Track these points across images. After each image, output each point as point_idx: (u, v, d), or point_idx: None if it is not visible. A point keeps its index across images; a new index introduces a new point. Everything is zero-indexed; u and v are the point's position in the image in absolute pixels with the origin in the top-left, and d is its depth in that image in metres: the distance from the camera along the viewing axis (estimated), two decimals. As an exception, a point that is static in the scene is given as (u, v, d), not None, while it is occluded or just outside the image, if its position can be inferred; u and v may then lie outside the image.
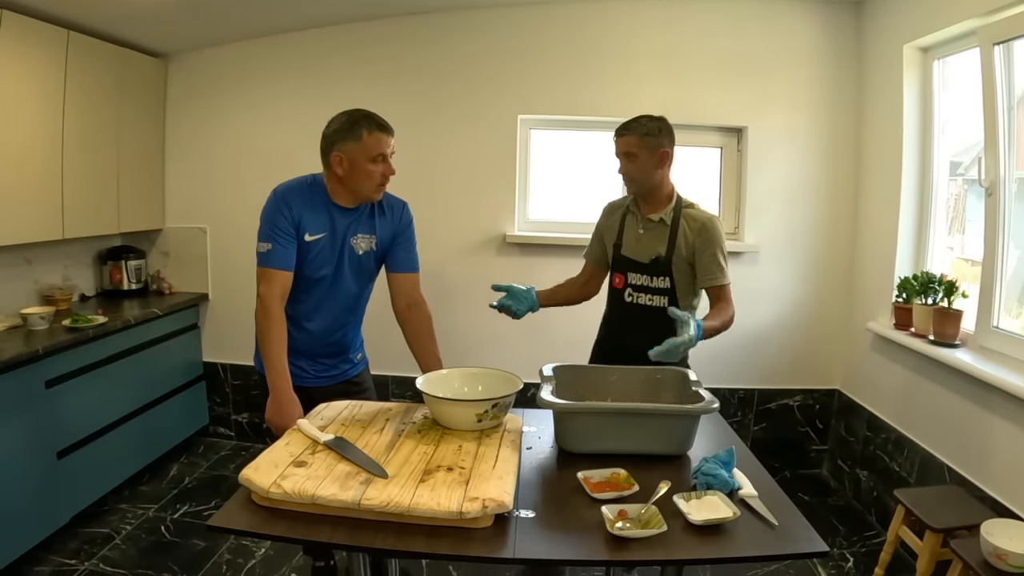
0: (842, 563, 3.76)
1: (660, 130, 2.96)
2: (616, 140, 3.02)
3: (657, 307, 3.02)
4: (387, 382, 4.91)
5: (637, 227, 3.09)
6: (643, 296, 3.06)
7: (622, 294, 3.11)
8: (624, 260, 3.10)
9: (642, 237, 3.06)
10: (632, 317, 3.09)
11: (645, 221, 3.06)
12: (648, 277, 3.04)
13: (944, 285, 3.65)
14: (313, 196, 2.71)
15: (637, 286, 3.07)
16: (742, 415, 4.88)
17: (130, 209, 4.72)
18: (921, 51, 3.99)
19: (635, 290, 3.08)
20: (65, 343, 3.74)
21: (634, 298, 3.08)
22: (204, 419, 5.25)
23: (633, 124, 2.97)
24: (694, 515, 1.82)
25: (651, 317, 3.03)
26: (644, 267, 3.04)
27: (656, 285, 3.03)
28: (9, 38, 3.62)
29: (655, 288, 3.03)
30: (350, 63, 4.80)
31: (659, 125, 2.96)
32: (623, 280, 3.11)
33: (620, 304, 3.13)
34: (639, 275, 3.06)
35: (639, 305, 3.07)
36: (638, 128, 2.95)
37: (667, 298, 3.02)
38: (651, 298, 3.04)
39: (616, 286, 3.15)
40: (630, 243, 3.10)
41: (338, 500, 1.79)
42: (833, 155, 4.64)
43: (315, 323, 2.86)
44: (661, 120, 2.98)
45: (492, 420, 2.29)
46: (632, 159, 2.97)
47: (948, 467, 3.52)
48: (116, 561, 3.65)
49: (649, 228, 3.05)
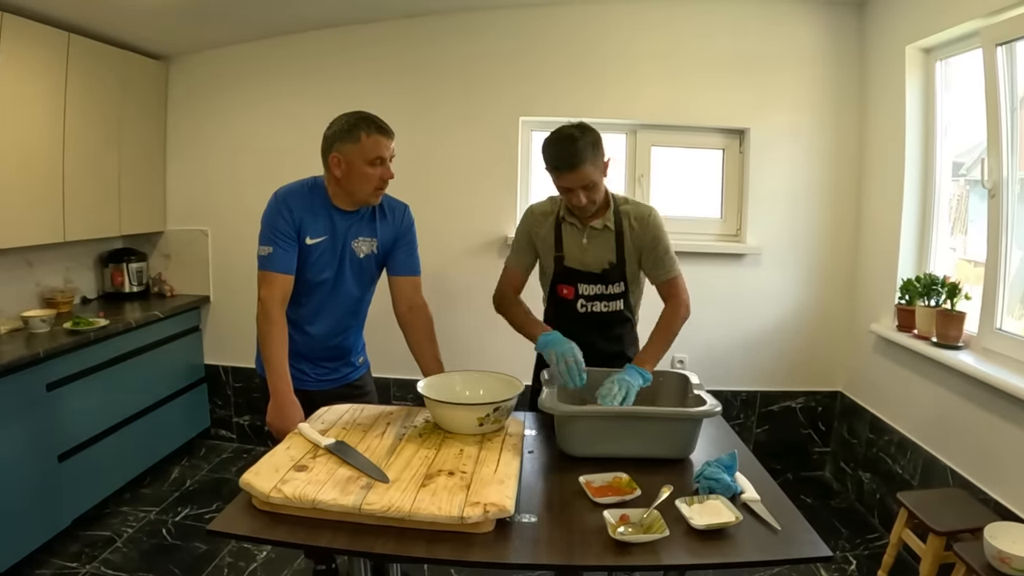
0: (845, 566, 3.75)
1: (597, 142, 2.72)
2: (565, 175, 2.70)
3: (613, 311, 2.95)
4: (388, 385, 4.91)
5: (579, 237, 2.91)
6: (598, 304, 2.94)
7: (573, 305, 2.96)
8: (571, 272, 2.94)
9: (588, 247, 2.91)
10: (588, 326, 2.96)
11: (588, 230, 2.89)
12: (602, 286, 2.92)
13: (947, 287, 3.64)
14: (314, 199, 2.71)
15: (591, 296, 2.94)
16: (744, 417, 4.87)
17: (131, 212, 4.72)
18: (923, 52, 3.98)
19: (588, 300, 2.94)
20: (66, 346, 3.74)
21: (588, 308, 2.95)
22: (205, 422, 5.25)
23: (578, 151, 2.65)
24: (696, 520, 1.81)
25: (608, 322, 2.97)
26: (597, 277, 2.91)
27: (611, 292, 2.92)
28: (10, 41, 3.62)
29: (610, 295, 2.93)
30: (351, 65, 4.81)
31: (594, 137, 2.72)
32: (573, 291, 2.95)
33: (572, 315, 2.97)
34: (592, 285, 2.92)
35: (595, 313, 2.95)
36: (586, 154, 2.65)
37: (622, 301, 2.94)
38: (606, 304, 2.94)
39: (565, 297, 2.97)
40: (574, 254, 2.93)
41: (339, 505, 1.79)
42: (836, 156, 4.63)
43: (316, 327, 2.86)
44: (588, 128, 2.73)
45: (493, 424, 2.28)
46: (592, 189, 2.73)
47: (951, 469, 3.51)
48: (117, 564, 3.65)
49: (594, 237, 2.89)
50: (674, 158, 4.83)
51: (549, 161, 2.74)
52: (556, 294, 2.99)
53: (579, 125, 2.73)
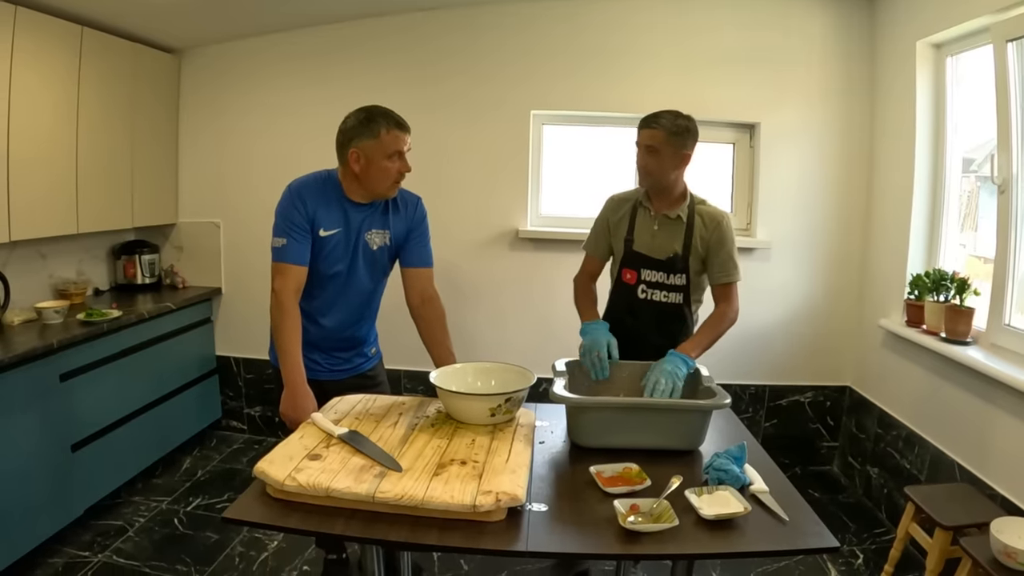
0: (852, 560, 3.76)
1: (687, 131, 2.88)
2: (641, 131, 2.92)
3: (672, 303, 3.02)
4: (399, 376, 4.92)
5: (651, 223, 3.03)
6: (658, 293, 3.03)
7: (634, 290, 3.06)
8: (638, 256, 3.04)
9: (657, 234, 3.01)
10: (646, 314, 3.05)
11: (661, 218, 3.01)
12: (664, 274, 3.00)
13: (956, 282, 3.64)
14: (328, 192, 2.73)
15: (652, 283, 3.03)
16: (753, 411, 4.88)
17: (144, 204, 4.75)
18: (934, 47, 3.98)
19: (649, 287, 3.03)
20: (80, 337, 3.76)
21: (648, 295, 3.04)
22: (217, 413, 5.27)
23: (662, 119, 2.87)
24: (705, 510, 1.83)
25: (665, 314, 3.03)
26: (660, 264, 3.00)
27: (672, 282, 3.00)
28: (24, 34, 3.65)
29: (671, 285, 3.01)
30: (362, 59, 4.82)
31: (687, 125, 2.88)
32: (635, 276, 3.05)
33: (632, 300, 3.08)
34: (654, 272, 3.01)
35: (653, 302, 3.04)
36: (666, 124, 2.85)
37: (682, 295, 3.01)
38: (666, 295, 3.02)
39: (628, 282, 3.08)
40: (644, 239, 3.04)
41: (352, 493, 1.80)
42: (846, 152, 4.63)
43: (329, 318, 2.88)
44: (690, 120, 2.90)
45: (505, 414, 2.30)
46: (653, 153, 2.88)
47: (958, 464, 3.52)
48: (129, 553, 3.68)
49: (664, 225, 3.00)
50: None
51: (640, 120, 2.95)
52: (620, 279, 3.11)
53: (685, 114, 2.92)
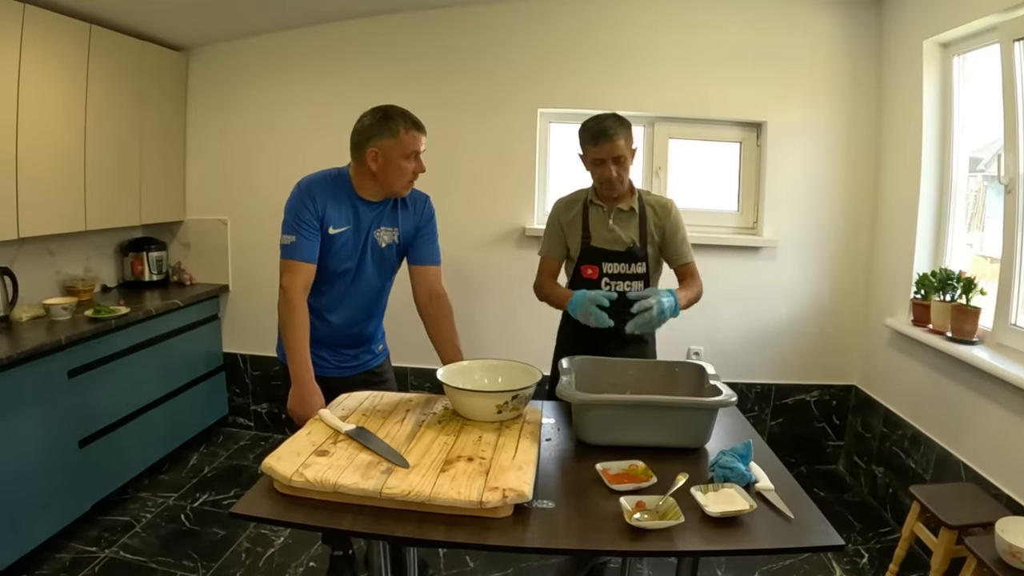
0: (857, 559, 3.76)
1: (629, 126, 3.03)
2: (601, 146, 2.97)
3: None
4: (406, 374, 4.94)
5: (605, 218, 3.14)
6: (621, 283, 3.11)
7: (597, 285, 3.13)
8: (596, 251, 3.13)
9: (614, 227, 3.12)
10: (612, 307, 3.01)
11: (615, 212, 3.12)
12: (626, 264, 3.10)
13: (962, 282, 3.64)
14: (337, 189, 2.74)
15: (614, 275, 3.11)
16: (759, 410, 4.88)
17: (152, 201, 4.77)
18: (941, 47, 3.97)
19: (612, 279, 3.12)
20: (88, 333, 3.78)
21: (612, 287, 3.11)
22: (224, 409, 5.29)
23: (620, 127, 2.97)
24: (711, 507, 1.83)
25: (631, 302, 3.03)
26: (620, 255, 3.10)
27: (634, 271, 3.11)
28: (32, 32, 3.67)
29: (633, 274, 3.11)
30: (370, 55, 4.82)
31: (628, 123, 3.03)
32: (597, 271, 3.13)
33: None
34: (616, 264, 3.11)
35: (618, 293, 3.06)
36: (622, 130, 2.97)
37: (643, 282, 3.11)
38: (629, 284, 3.11)
39: (590, 277, 3.14)
40: (600, 234, 3.14)
41: (360, 489, 1.81)
42: (852, 151, 4.63)
43: (337, 315, 2.89)
44: (622, 116, 3.04)
45: (511, 411, 2.30)
46: (622, 162, 3.01)
47: (964, 464, 3.52)
48: (136, 549, 3.70)
49: (619, 218, 3.12)
50: (691, 151, 4.84)
51: (587, 133, 3.02)
52: (580, 275, 3.17)
53: (612, 113, 3.03)
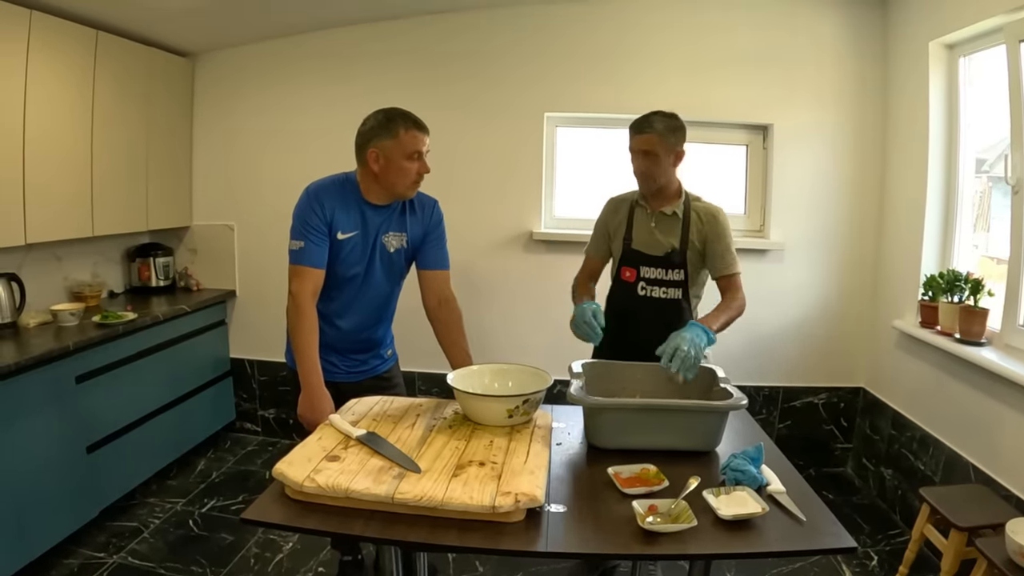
0: (866, 561, 3.76)
1: (677, 129, 3.00)
2: (634, 137, 3.03)
3: (671, 299, 3.06)
4: (414, 378, 4.94)
5: (648, 221, 3.10)
6: (657, 289, 3.08)
7: (634, 288, 3.11)
8: (636, 254, 3.11)
9: (654, 231, 3.08)
10: (646, 310, 3.09)
11: (657, 215, 3.08)
12: (663, 270, 3.06)
13: (970, 283, 3.63)
14: (346, 194, 2.74)
15: (651, 279, 3.08)
16: (767, 413, 4.87)
17: (158, 207, 4.78)
18: (947, 48, 3.97)
19: (648, 283, 3.09)
20: (95, 339, 3.79)
21: (648, 291, 3.09)
22: (231, 415, 5.30)
23: (653, 121, 2.98)
24: (723, 510, 1.83)
25: (665, 310, 3.06)
26: (658, 260, 3.06)
27: (671, 278, 3.06)
28: (39, 39, 3.68)
29: (669, 281, 3.06)
30: (375, 61, 4.83)
31: (676, 124, 3.00)
32: (635, 274, 3.11)
33: (632, 299, 3.12)
34: (653, 268, 3.07)
35: (653, 299, 3.08)
36: (658, 126, 2.96)
37: (680, 290, 3.06)
38: (665, 291, 3.07)
39: (627, 280, 3.13)
40: (641, 237, 3.11)
41: (372, 494, 1.81)
42: (859, 153, 4.62)
43: (346, 321, 2.89)
44: (676, 119, 3.02)
45: (522, 416, 2.30)
46: (650, 157, 2.99)
47: (973, 466, 3.51)
48: (144, 555, 3.70)
49: (661, 222, 3.08)
50: (698, 153, 4.82)
51: (632, 123, 3.06)
52: (619, 277, 3.17)
53: (669, 112, 3.04)
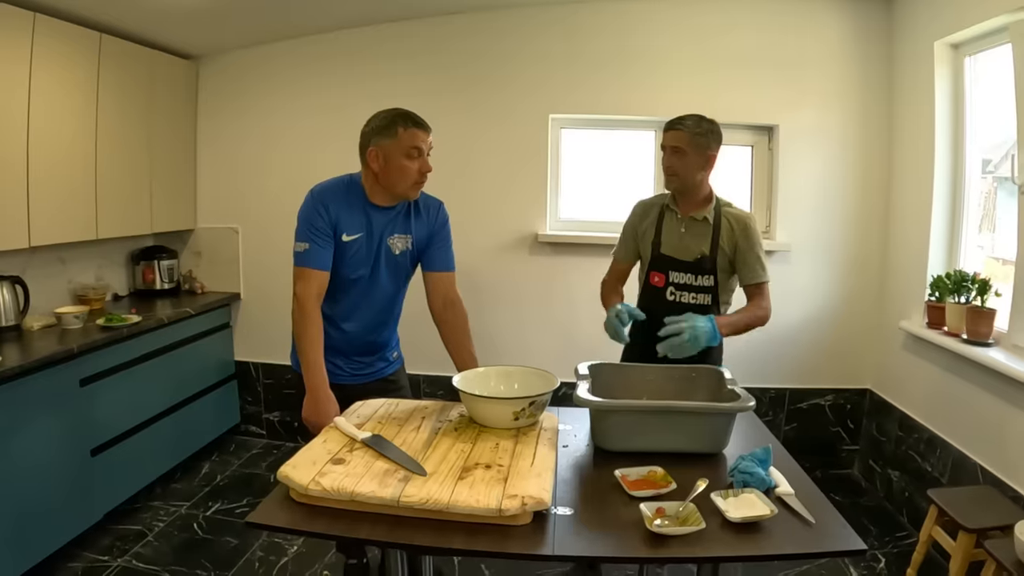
0: (874, 564, 3.74)
1: (710, 132, 2.97)
2: (666, 133, 3.01)
3: (701, 305, 3.03)
4: (419, 381, 4.93)
5: (678, 226, 3.07)
6: (686, 295, 3.06)
7: (663, 293, 3.09)
8: (665, 259, 3.08)
9: (684, 236, 3.06)
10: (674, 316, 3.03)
11: (688, 220, 3.06)
12: (692, 276, 3.04)
13: (977, 283, 3.62)
14: (350, 196, 2.73)
15: (680, 284, 3.06)
16: (773, 414, 4.86)
17: (162, 209, 4.78)
18: (952, 47, 3.95)
19: (678, 288, 3.06)
20: (99, 342, 3.78)
21: (676, 296, 3.07)
22: (236, 418, 5.29)
23: (686, 121, 2.97)
24: (732, 512, 1.82)
25: None
26: (688, 266, 3.04)
27: (700, 283, 3.03)
28: (43, 42, 3.68)
29: (699, 286, 3.04)
30: (379, 63, 4.83)
31: (711, 127, 2.98)
32: (664, 279, 3.08)
33: (661, 303, 3.08)
34: (683, 274, 3.05)
35: (682, 303, 3.05)
36: (691, 126, 2.95)
37: (710, 296, 3.03)
38: (695, 296, 3.05)
39: (656, 285, 3.11)
40: (671, 242, 3.08)
41: (377, 497, 1.80)
42: (865, 153, 4.61)
43: (352, 323, 2.87)
44: (713, 123, 2.99)
45: (528, 418, 2.29)
46: (679, 154, 2.97)
47: (981, 467, 3.50)
48: (149, 558, 3.70)
49: (692, 227, 3.05)
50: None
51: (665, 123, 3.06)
52: (648, 282, 3.15)
53: (708, 118, 3.01)
